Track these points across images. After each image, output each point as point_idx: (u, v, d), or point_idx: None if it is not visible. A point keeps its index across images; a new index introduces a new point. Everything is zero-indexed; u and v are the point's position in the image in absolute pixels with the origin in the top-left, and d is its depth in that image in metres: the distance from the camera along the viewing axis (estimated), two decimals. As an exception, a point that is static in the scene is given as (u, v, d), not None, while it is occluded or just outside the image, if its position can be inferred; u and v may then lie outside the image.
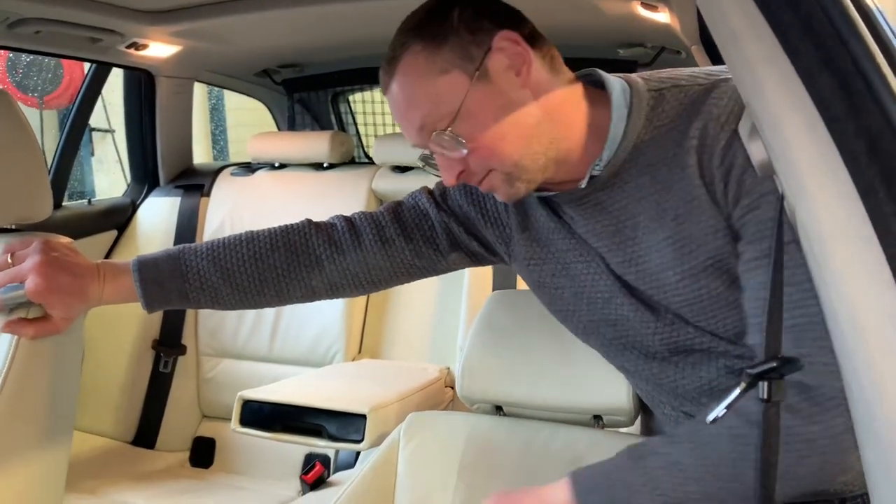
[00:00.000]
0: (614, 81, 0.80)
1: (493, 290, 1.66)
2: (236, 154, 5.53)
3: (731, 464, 0.70)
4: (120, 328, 1.83)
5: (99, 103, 2.06)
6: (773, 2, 0.44)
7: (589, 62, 0.87)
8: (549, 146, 0.77)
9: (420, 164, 0.84)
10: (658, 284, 0.80)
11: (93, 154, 4.44)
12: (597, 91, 0.81)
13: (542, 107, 0.77)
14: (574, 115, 0.79)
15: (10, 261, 0.89)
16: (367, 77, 2.31)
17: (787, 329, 0.68)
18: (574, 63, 0.83)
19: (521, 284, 1.65)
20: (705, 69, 0.80)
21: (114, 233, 1.94)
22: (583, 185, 0.80)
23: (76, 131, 1.88)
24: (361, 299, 1.83)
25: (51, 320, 0.91)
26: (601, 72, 0.82)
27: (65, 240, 0.98)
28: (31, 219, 1.04)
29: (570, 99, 0.79)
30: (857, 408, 0.43)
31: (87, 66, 1.93)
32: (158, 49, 1.73)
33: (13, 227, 1.04)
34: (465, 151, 0.76)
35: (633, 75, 0.81)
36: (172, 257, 0.93)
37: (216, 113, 5.64)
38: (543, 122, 0.77)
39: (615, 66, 1.93)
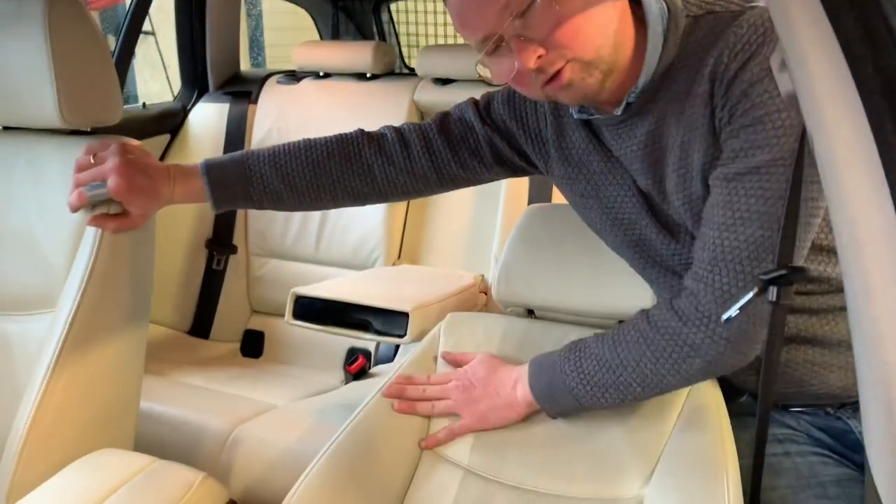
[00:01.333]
0: (653, 3, 0.80)
1: (529, 203, 1.71)
2: (272, 59, 5.49)
3: (637, 358, 0.82)
4: (176, 229, 1.93)
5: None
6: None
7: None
8: (618, 48, 0.78)
9: (478, 62, 0.81)
10: (673, 208, 0.85)
11: (133, 56, 4.46)
12: (638, 10, 0.81)
13: (617, 9, 0.78)
14: (629, 31, 0.80)
15: (92, 161, 0.97)
16: (410, -14, 2.30)
17: (712, 245, 0.76)
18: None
19: (556, 198, 1.70)
20: None
21: (167, 136, 2.01)
22: (618, 112, 0.83)
23: (131, 37, 1.93)
24: (402, 208, 1.89)
25: (129, 216, 1.00)
26: None
27: (136, 142, 1.05)
28: (105, 122, 1.11)
29: (627, 13, 0.80)
30: (851, 310, 0.50)
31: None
32: (209, -45, 1.75)
33: (90, 130, 1.13)
34: (553, 24, 0.74)
35: None
36: (237, 162, 0.99)
37: (258, 19, 5.57)
38: (615, 23, 0.78)
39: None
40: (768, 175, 0.73)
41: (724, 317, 0.66)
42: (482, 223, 1.82)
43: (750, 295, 0.60)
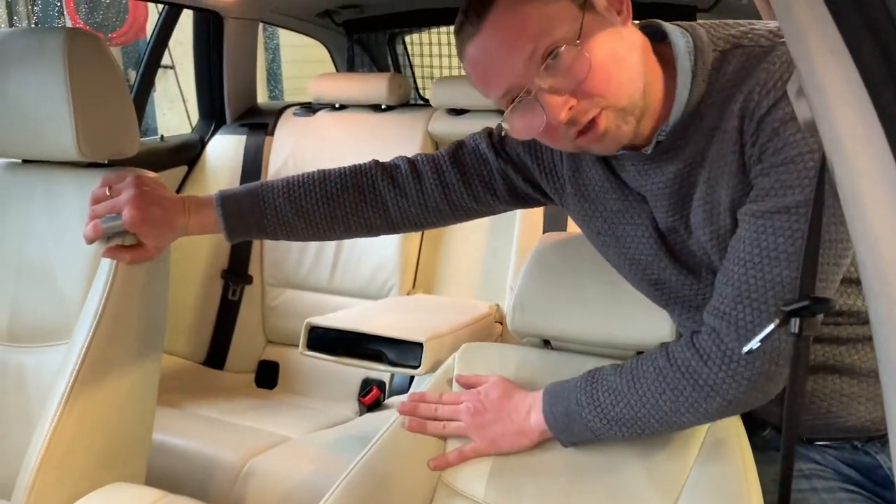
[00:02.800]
0: (678, 38, 0.78)
1: (544, 231, 1.70)
2: (290, 91, 5.58)
3: (655, 396, 0.81)
4: (192, 260, 1.94)
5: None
6: (823, -30, 0.47)
7: (648, 6, 0.84)
8: (648, 90, 0.76)
9: (503, 119, 0.77)
10: (698, 244, 0.83)
11: (154, 90, 4.56)
12: (660, 46, 0.79)
13: (641, 49, 0.76)
14: (655, 69, 0.78)
15: (108, 193, 0.97)
16: (425, 19, 2.32)
17: (737, 282, 0.75)
18: (634, 7, 0.78)
19: (571, 227, 1.69)
20: (771, 26, 0.78)
21: (184, 168, 2.03)
22: (648, 151, 0.81)
23: (150, 70, 1.96)
24: (416, 237, 1.89)
25: (144, 248, 0.99)
26: (665, 25, 0.80)
27: (151, 174, 1.06)
28: (121, 154, 1.13)
29: (648, 52, 0.78)
30: (878, 341, 0.48)
31: (151, 6, 1.99)
32: (227, -10, 1.79)
33: (106, 162, 1.14)
34: (585, 72, 0.70)
35: (699, 28, 0.80)
36: (252, 193, 1.00)
37: (275, 52, 5.68)
38: (642, 65, 0.76)
39: (674, 10, 1.89)
40: (797, 216, 0.71)
41: (745, 349, 0.65)
42: (497, 252, 1.81)
43: (771, 326, 0.59)
